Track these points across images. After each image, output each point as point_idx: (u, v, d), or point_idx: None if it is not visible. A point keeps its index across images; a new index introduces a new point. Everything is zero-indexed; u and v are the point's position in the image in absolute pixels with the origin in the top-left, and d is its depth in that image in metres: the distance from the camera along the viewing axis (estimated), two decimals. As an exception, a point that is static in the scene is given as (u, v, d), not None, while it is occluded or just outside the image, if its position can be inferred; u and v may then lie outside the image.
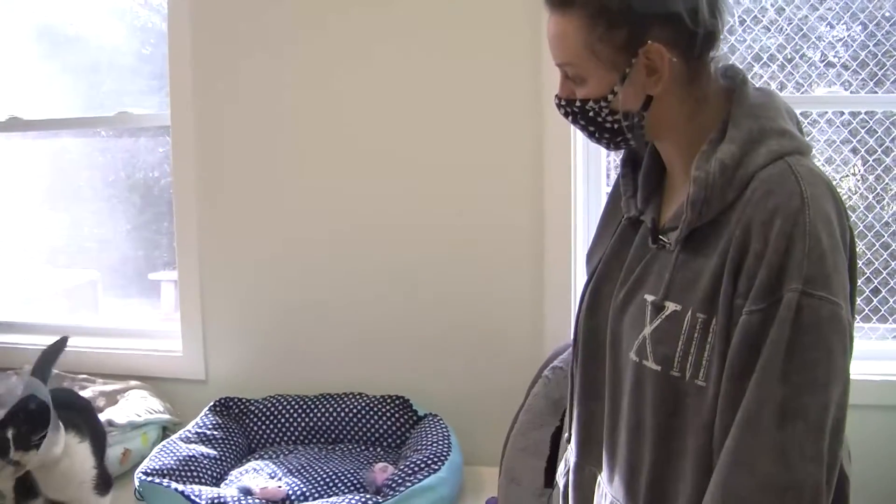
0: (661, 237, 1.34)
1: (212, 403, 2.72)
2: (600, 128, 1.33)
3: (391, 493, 2.18)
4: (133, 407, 2.69)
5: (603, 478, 1.44)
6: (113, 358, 3.02)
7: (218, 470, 2.47)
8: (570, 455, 1.55)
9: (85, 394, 2.84)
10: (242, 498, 2.19)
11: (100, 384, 2.90)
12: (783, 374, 1.15)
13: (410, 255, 2.76)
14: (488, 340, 2.72)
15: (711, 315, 1.23)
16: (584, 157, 2.64)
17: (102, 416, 2.56)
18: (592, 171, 2.67)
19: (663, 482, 1.32)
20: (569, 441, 1.56)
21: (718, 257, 1.23)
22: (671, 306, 1.28)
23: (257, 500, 2.20)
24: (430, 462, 2.31)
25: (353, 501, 2.12)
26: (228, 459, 2.54)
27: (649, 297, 1.31)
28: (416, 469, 2.28)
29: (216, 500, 2.16)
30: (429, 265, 2.75)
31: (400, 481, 2.23)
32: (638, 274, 1.36)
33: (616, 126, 1.32)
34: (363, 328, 2.82)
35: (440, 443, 2.42)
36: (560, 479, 1.61)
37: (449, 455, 2.37)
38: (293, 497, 2.26)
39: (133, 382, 2.88)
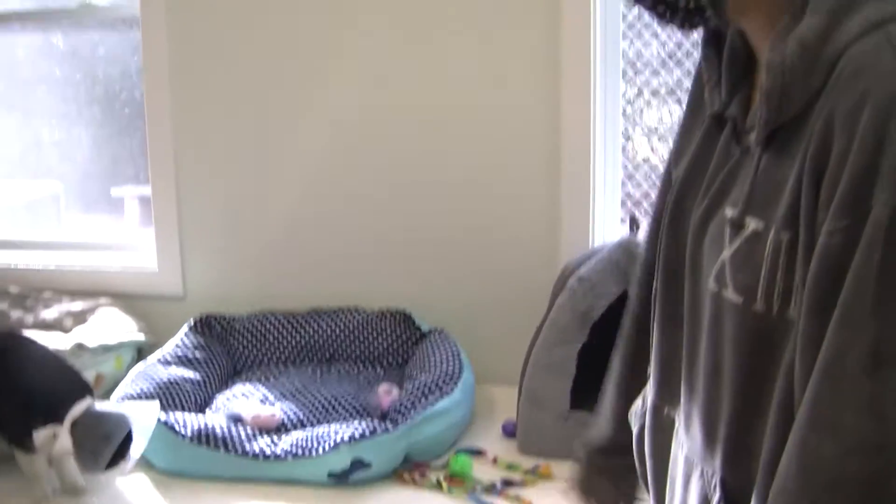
0: (745, 137, 1.14)
1: (191, 322, 2.54)
2: (672, 6, 1.13)
3: (401, 418, 2.03)
4: (104, 327, 2.52)
5: (680, 425, 1.28)
6: (81, 274, 2.83)
7: (202, 395, 2.30)
8: (648, 393, 1.39)
9: (50, 313, 2.67)
10: (232, 426, 2.04)
11: (66, 303, 2.71)
12: (873, 309, 0.95)
13: (411, 153, 2.57)
14: (498, 248, 2.54)
15: (798, 234, 1.04)
16: (602, 39, 2.44)
17: (69, 338, 2.40)
18: (610, 52, 2.47)
19: (745, 437, 1.12)
20: (649, 376, 1.40)
21: (800, 161, 1.04)
22: (752, 224, 1.08)
23: (249, 429, 2.05)
24: (441, 383, 2.16)
25: (362, 429, 1.96)
26: (213, 383, 2.38)
27: (729, 212, 1.12)
28: (427, 391, 2.13)
29: (203, 430, 2.00)
30: (432, 164, 2.56)
31: (410, 405, 2.07)
32: (720, 184, 1.15)
33: (691, 4, 1.12)
34: (358, 236, 2.64)
35: (450, 361, 2.27)
36: (634, 420, 1.44)
37: (462, 374, 2.21)
38: (289, 424, 2.11)
39: (103, 300, 2.69)
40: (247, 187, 2.70)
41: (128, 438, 1.84)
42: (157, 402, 1.95)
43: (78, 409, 1.85)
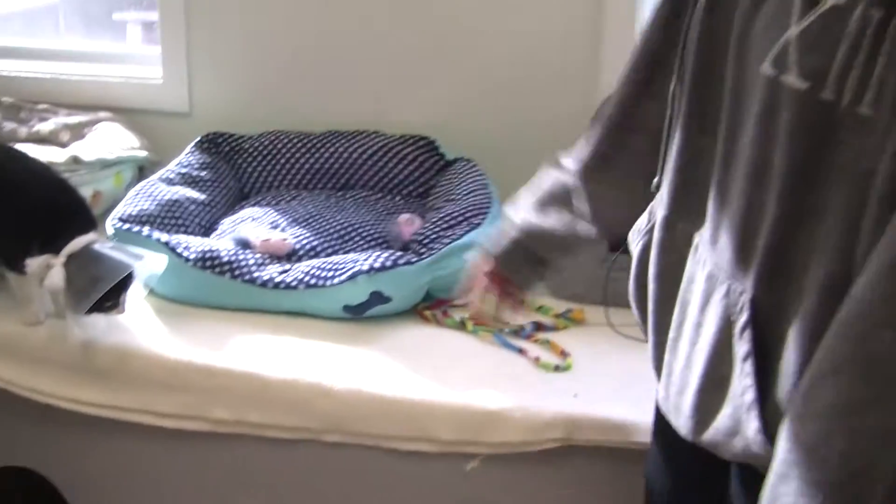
0: None
1: (198, 139, 2.37)
2: None
3: (424, 250, 1.88)
4: (103, 142, 2.35)
5: (703, 238, 1.12)
6: (80, 86, 2.64)
7: (207, 218, 2.15)
8: (657, 207, 1.23)
9: (45, 126, 2.49)
10: (240, 251, 1.89)
11: (63, 115, 2.53)
12: None
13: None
14: (533, 75, 2.35)
15: (892, 12, 0.85)
16: None
17: (66, 153, 2.23)
18: None
19: (788, 249, 0.97)
20: (657, 189, 1.24)
21: None
22: None
23: (257, 255, 1.91)
24: (468, 215, 1.99)
25: (383, 259, 1.82)
26: (219, 206, 2.22)
27: None
28: (453, 222, 1.97)
29: (208, 254, 1.85)
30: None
31: (434, 237, 1.92)
32: None
33: None
34: (379, 55, 2.43)
35: (478, 192, 2.10)
36: (635, 239, 1.29)
37: (490, 206, 2.05)
38: (301, 251, 1.97)
39: (103, 114, 2.50)
40: (260, -5, 2.49)
41: (125, 283, 1.70)
42: (165, 257, 1.80)
43: (78, 243, 1.69)
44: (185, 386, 1.70)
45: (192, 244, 1.88)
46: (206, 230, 2.12)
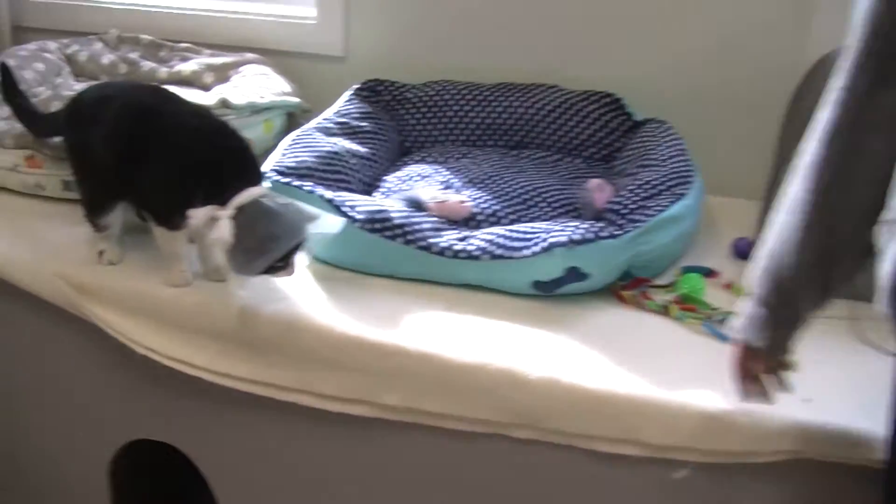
0: None
1: (356, 86, 2.16)
2: None
3: (624, 222, 1.64)
4: (251, 86, 2.16)
5: None
6: (225, 23, 2.46)
7: (369, 174, 1.95)
8: None
9: (187, 67, 2.32)
10: (413, 214, 1.69)
11: (206, 56, 2.36)
12: None
13: None
14: (734, 32, 2.08)
15: None
16: None
17: (213, 95, 2.05)
18: None
19: None
20: None
21: None
22: None
23: (433, 217, 1.70)
24: (671, 184, 1.74)
25: (583, 231, 1.58)
26: (381, 160, 2.01)
27: None
28: (654, 192, 1.72)
29: (377, 215, 1.65)
30: None
31: (634, 207, 1.68)
32: None
33: None
34: (562, 2, 2.21)
35: (678, 158, 1.84)
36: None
37: (693, 175, 1.80)
38: (480, 216, 1.75)
39: (250, 56, 2.31)
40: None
41: (294, 246, 1.50)
42: (340, 219, 1.59)
43: (248, 195, 1.49)
44: (352, 365, 1.50)
45: (359, 203, 1.68)
46: (368, 187, 1.92)
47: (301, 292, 1.61)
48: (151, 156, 1.58)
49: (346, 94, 2.14)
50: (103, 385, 1.78)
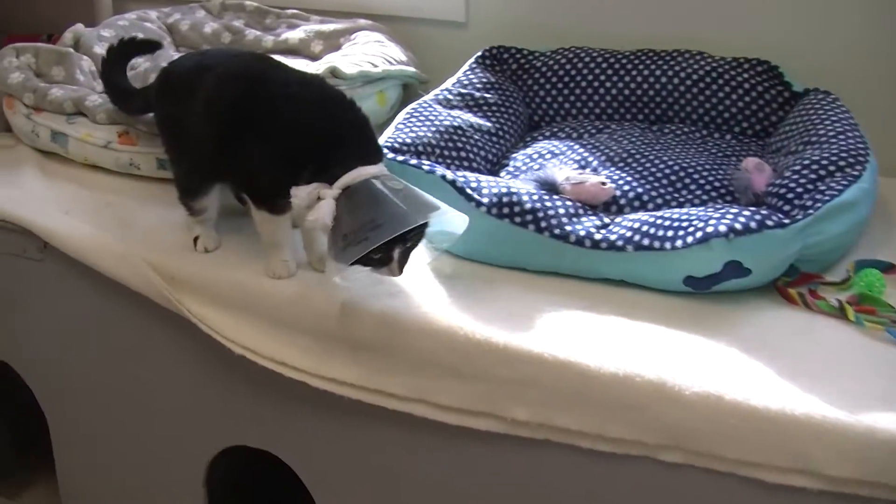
0: None
1: (479, 54, 1.97)
2: None
3: (791, 208, 1.42)
4: (364, 54, 1.98)
5: None
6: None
7: (494, 151, 1.76)
8: None
9: (294, 34, 2.16)
10: (546, 196, 1.49)
11: (315, 22, 2.20)
12: None
13: None
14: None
15: None
16: None
17: (322, 64, 1.88)
18: None
19: None
20: None
21: None
22: None
23: (568, 201, 1.50)
24: (842, 164, 1.50)
25: (745, 217, 1.35)
26: (508, 136, 1.81)
27: None
28: (823, 173, 1.48)
29: (506, 198, 1.46)
30: None
31: (801, 191, 1.45)
32: None
33: None
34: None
35: (849, 134, 1.59)
36: None
37: (868, 154, 1.56)
38: (622, 200, 1.54)
39: (363, 22, 2.15)
40: None
41: (407, 237, 1.32)
42: (466, 217, 1.38)
43: (358, 174, 1.32)
44: (475, 373, 1.31)
45: (484, 184, 1.49)
46: (493, 166, 1.73)
47: (416, 287, 1.43)
48: (255, 129, 1.41)
49: (468, 63, 1.95)
50: (198, 386, 1.63)
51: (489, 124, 1.78)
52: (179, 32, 2.24)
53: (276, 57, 1.64)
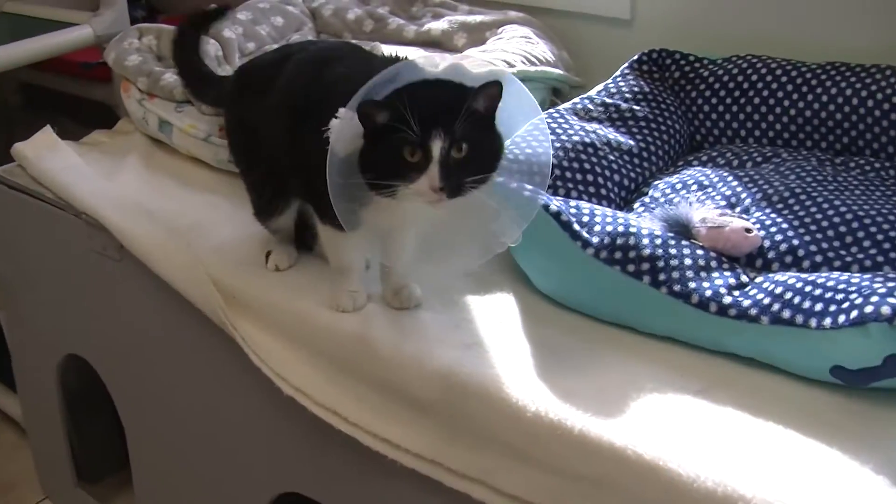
0: None
1: (636, 57, 1.69)
2: None
3: None
4: (507, 52, 1.73)
5: None
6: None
7: (634, 176, 1.48)
8: None
9: (438, 25, 1.94)
10: (673, 240, 1.21)
11: (462, 13, 1.97)
12: None
13: None
14: None
15: None
16: None
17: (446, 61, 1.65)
18: None
19: None
20: None
21: None
22: None
23: (700, 250, 1.21)
24: None
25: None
26: (654, 158, 1.53)
27: None
28: None
29: (620, 238, 1.19)
30: None
31: None
32: None
33: None
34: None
35: None
36: None
37: None
38: (770, 252, 1.24)
39: (513, 14, 1.91)
40: None
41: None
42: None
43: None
44: (543, 460, 1.06)
45: (599, 218, 1.22)
46: (630, 194, 1.45)
47: (494, 337, 1.19)
48: (319, 118, 1.17)
49: (623, 67, 1.68)
50: (252, 420, 1.45)
51: (632, 143, 1.50)
52: (322, 17, 2.07)
53: (417, 50, 1.42)
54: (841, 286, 1.08)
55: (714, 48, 1.71)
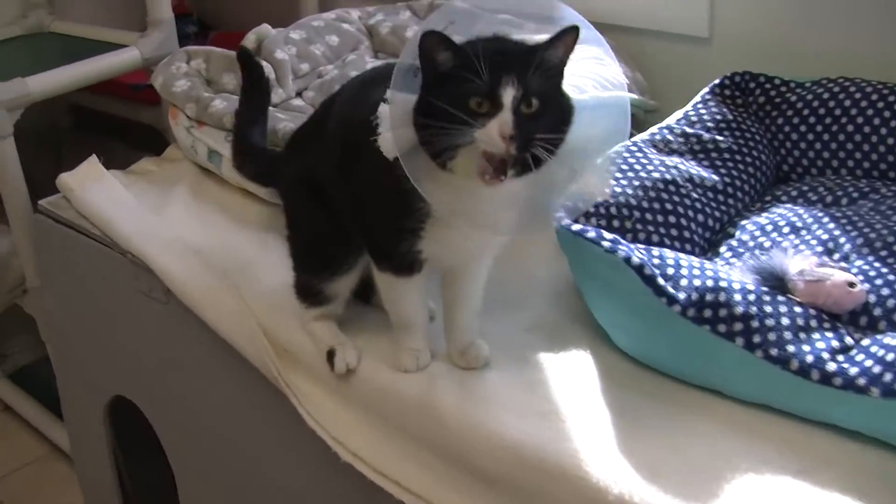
0: None
1: (717, 82, 1.58)
2: None
3: None
4: (571, 75, 1.62)
5: None
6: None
7: (718, 215, 1.37)
8: None
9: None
10: (768, 297, 1.10)
11: (528, 30, 1.85)
12: None
13: None
14: None
15: None
16: None
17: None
18: None
19: None
20: None
21: None
22: None
23: (798, 307, 1.10)
24: None
25: None
26: (740, 195, 1.42)
27: None
28: None
29: (710, 296, 1.08)
30: None
31: None
32: None
33: None
34: None
35: None
36: None
37: None
38: (877, 310, 1.12)
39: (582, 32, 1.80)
40: None
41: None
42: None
43: None
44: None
45: (685, 270, 1.12)
46: (715, 235, 1.35)
47: (571, 404, 1.09)
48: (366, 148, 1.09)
49: (702, 93, 1.56)
50: (303, 479, 1.37)
51: (716, 178, 1.40)
52: (379, 35, 1.98)
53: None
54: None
55: (802, 70, 1.60)
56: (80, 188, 1.69)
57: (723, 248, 1.31)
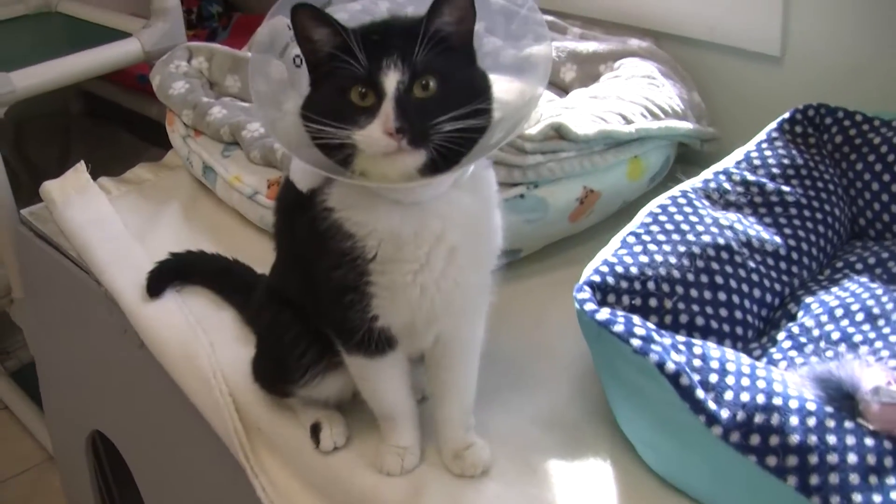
0: None
1: (786, 117, 1.34)
2: None
3: None
4: (618, 99, 1.42)
5: None
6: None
7: (778, 288, 1.15)
8: None
9: (541, 51, 1.62)
10: (832, 422, 0.88)
11: (572, 37, 1.65)
12: None
13: None
14: None
15: None
16: None
17: (547, 113, 1.34)
18: None
19: None
20: None
21: None
22: None
23: (870, 437, 0.88)
24: None
25: None
26: (807, 260, 1.20)
27: None
28: None
29: (759, 417, 0.87)
30: None
31: None
32: None
33: None
34: None
35: None
36: None
37: None
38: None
39: (635, 43, 1.56)
40: None
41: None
42: None
43: None
44: None
45: (731, 378, 0.91)
46: (772, 312, 1.14)
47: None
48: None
49: (767, 129, 1.33)
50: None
51: (779, 241, 1.18)
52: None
53: (511, 81, 1.14)
54: None
55: (888, 102, 1.37)
56: (63, 200, 1.52)
57: (781, 335, 1.10)
